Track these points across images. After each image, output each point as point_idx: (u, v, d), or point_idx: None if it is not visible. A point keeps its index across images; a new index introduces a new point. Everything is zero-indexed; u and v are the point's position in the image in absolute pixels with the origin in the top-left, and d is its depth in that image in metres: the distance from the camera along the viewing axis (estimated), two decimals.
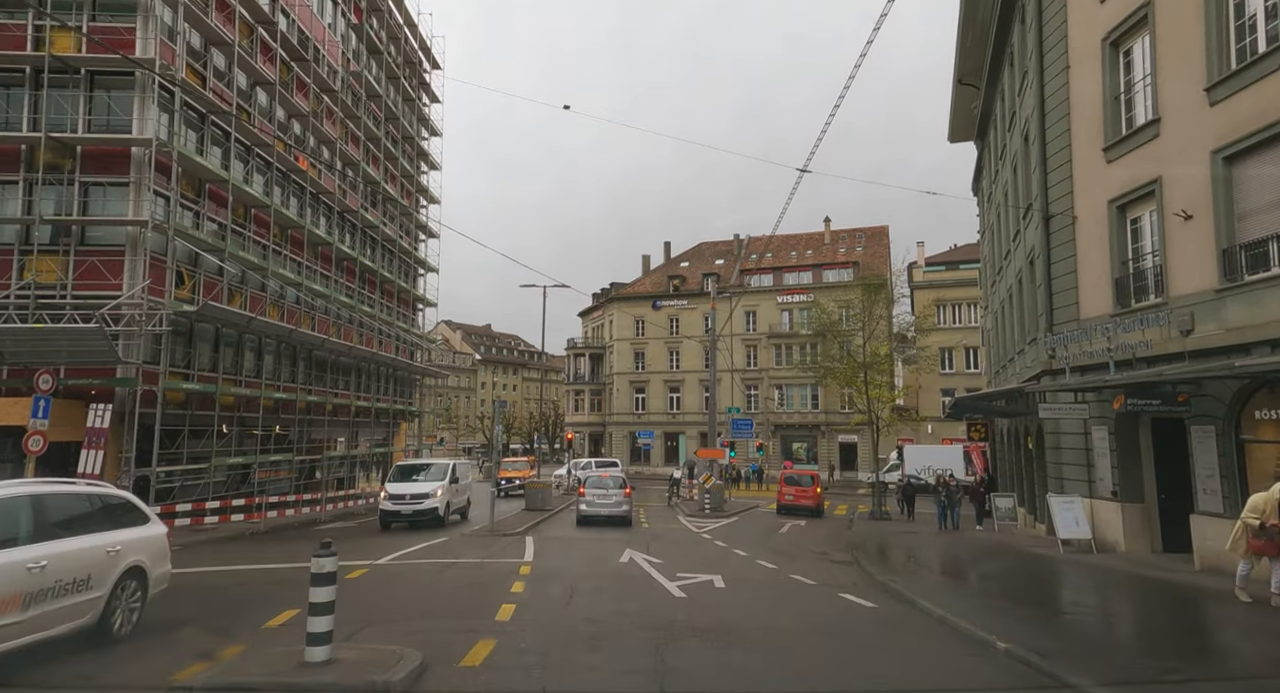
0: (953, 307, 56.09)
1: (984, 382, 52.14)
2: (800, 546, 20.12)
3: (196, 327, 23.11)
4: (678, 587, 12.11)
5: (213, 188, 23.59)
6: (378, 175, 34.98)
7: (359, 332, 33.67)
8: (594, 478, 25.15)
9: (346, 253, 32.15)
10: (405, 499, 21.91)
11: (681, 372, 61.76)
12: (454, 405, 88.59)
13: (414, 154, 40.67)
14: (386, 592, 11.75)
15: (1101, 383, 14.21)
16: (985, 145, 30.78)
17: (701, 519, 27.01)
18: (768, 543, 20.49)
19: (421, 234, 42.73)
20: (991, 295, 29.90)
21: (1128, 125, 15.79)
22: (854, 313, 30.77)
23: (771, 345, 58.81)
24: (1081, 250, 17.11)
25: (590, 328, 70.28)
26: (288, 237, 28.16)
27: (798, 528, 25.36)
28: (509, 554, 16.43)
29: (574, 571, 14.17)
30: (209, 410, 22.79)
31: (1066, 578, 13.93)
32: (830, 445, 57.55)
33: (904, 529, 24.06)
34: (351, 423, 33.72)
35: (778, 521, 27.88)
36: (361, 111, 33.37)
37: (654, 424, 60.73)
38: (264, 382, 26.70)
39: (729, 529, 23.90)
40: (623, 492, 24.31)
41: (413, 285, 41.37)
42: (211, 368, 23.89)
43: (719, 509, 29.28)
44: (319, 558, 6.59)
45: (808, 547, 19.84)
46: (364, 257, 34.32)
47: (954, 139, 36.81)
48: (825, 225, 63.40)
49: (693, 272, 64.34)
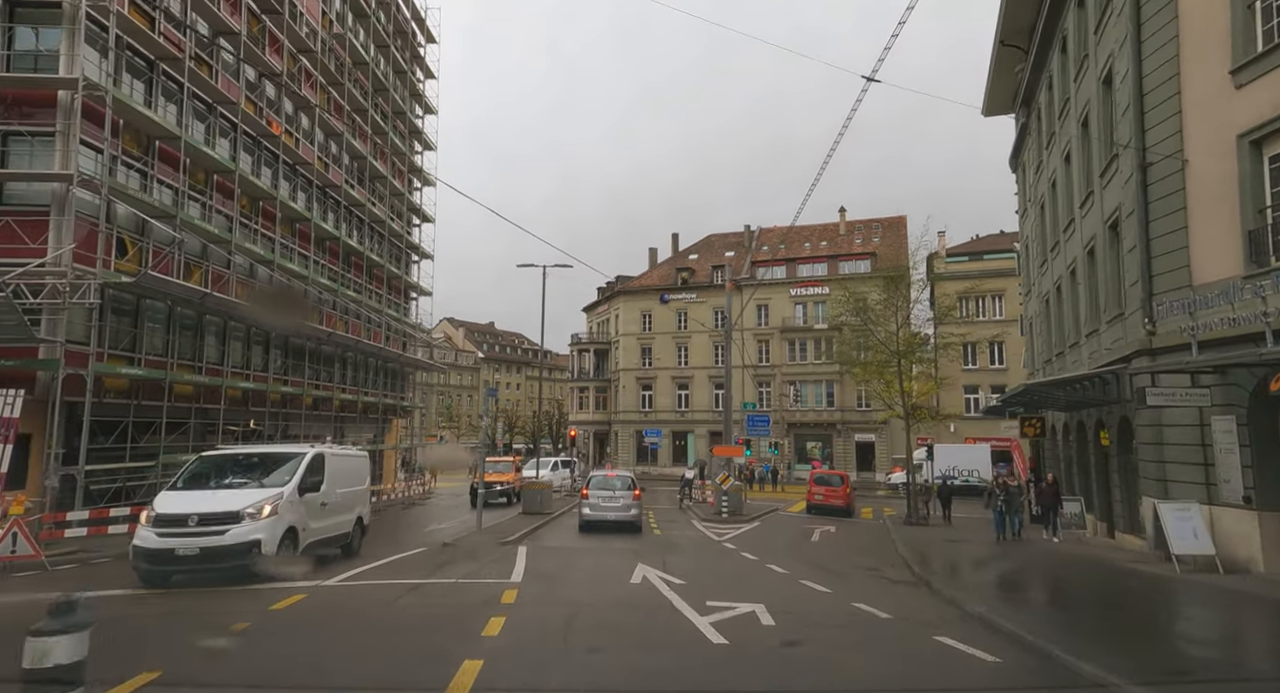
0: (976, 299, 52.65)
1: (1018, 377, 48.78)
2: (844, 558, 16.83)
3: (145, 304, 19.94)
4: (712, 625, 8.83)
5: (164, 147, 20.42)
6: (364, 150, 31.81)
7: (343, 318, 30.49)
8: (598, 478, 21.90)
9: (328, 231, 28.96)
10: (187, 525, 11.28)
11: (690, 368, 58.45)
12: (455, 404, 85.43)
13: (406, 132, 37.48)
14: (304, 639, 8.44)
15: (1255, 358, 10.89)
16: (1032, 111, 27.47)
17: (719, 525, 23.76)
18: (804, 555, 17.21)
19: (415, 218, 39.54)
20: (1040, 278, 26.57)
21: (1265, 39, 12.51)
22: (885, 297, 27.53)
23: (785, 340, 55.46)
24: (1194, 201, 13.80)
25: (595, 323, 67.01)
26: (258, 209, 24.99)
27: (830, 535, 22.09)
28: (493, 571, 13.18)
29: (573, 597, 10.91)
30: (159, 401, 19.58)
31: (1218, 612, 10.62)
32: (846, 445, 54.19)
33: (954, 537, 20.72)
34: (335, 418, 30.54)
35: (804, 526, 24.64)
36: (345, 79, 30.18)
37: (662, 423, 57.39)
38: (229, 370, 23.51)
39: (753, 537, 20.64)
40: (631, 494, 21.06)
41: (405, 272, 38.18)
42: (165, 352, 20.70)
43: (737, 513, 26.03)
44: (35, 640, 3.30)
45: (853, 560, 16.55)
46: (349, 237, 31.13)
47: (990, 112, 33.44)
48: (840, 216, 60.05)
49: (702, 264, 61.04)
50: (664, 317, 59.34)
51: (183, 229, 20.01)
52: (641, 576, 12.77)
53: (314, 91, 28.06)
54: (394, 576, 12.73)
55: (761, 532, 22.48)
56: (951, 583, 12.63)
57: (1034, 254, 27.71)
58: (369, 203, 32.62)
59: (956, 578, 13.41)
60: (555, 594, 11.23)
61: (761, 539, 20.33)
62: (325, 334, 27.27)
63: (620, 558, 15.34)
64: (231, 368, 23.68)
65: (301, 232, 27.66)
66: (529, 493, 25.54)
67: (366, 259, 32.66)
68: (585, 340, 65.22)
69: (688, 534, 20.99)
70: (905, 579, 13.54)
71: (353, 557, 14.84)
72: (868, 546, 19.74)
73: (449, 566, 14.01)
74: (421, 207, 39.49)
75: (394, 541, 18.98)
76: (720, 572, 14.11)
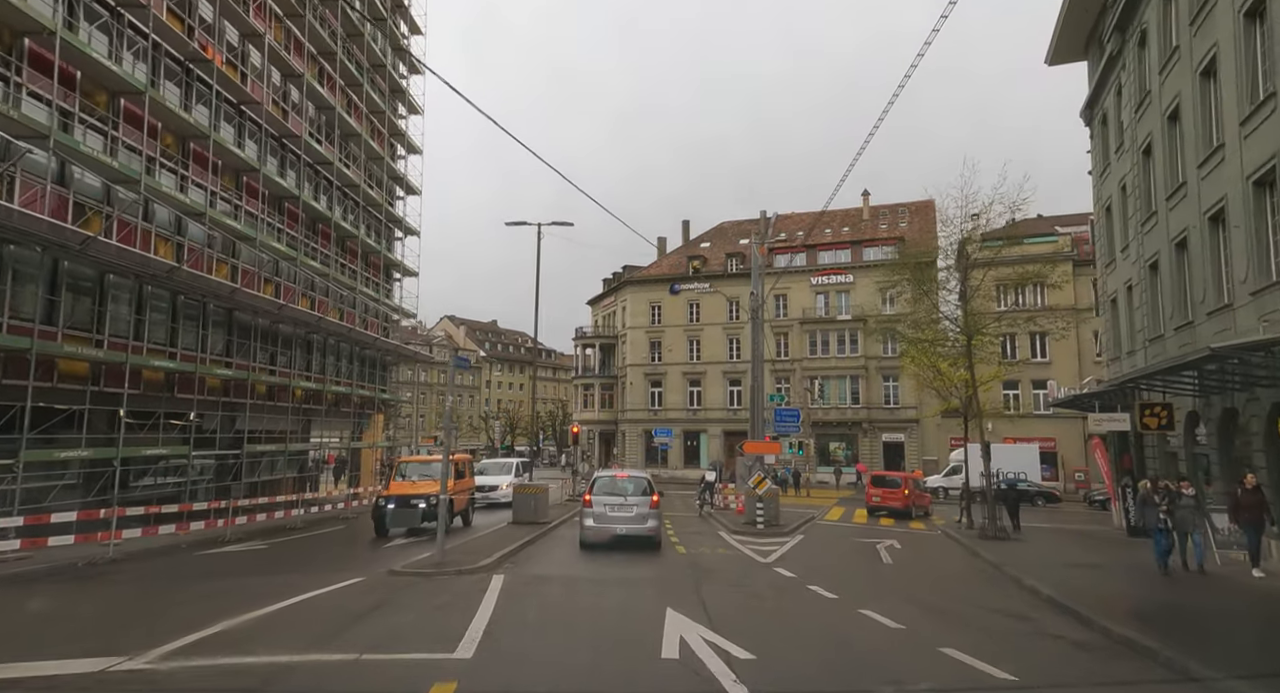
0: (1017, 289, 47.21)
1: (1064, 370, 43.46)
2: (953, 593, 11.62)
3: (11, 254, 14.85)
4: None
5: (33, 47, 15.39)
6: (332, 100, 26.79)
7: (307, 294, 25.43)
8: (605, 480, 16.70)
9: (282, 187, 23.89)
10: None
11: (703, 363, 53.22)
12: (455, 403, 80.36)
13: (387, 90, 32.42)
14: None
15: None
16: (1125, 41, 22.33)
17: (756, 538, 18.59)
18: (892, 586, 12.05)
19: (400, 189, 34.49)
20: (1142, 239, 21.36)
21: None
22: (948, 265, 22.48)
23: (805, 332, 50.20)
24: None
25: (600, 316, 61.75)
26: (187, 150, 19.97)
27: (900, 553, 16.88)
28: (433, 632, 8.07)
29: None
30: (23, 380, 14.44)
31: None
32: (873, 445, 48.85)
33: (1070, 558, 15.37)
34: (298, 410, 25.45)
35: (858, 539, 19.50)
36: (306, 11, 25.13)
37: (672, 422, 52.02)
38: (147, 346, 18.43)
39: (805, 556, 15.46)
40: (647, 501, 15.88)
41: (388, 249, 33.13)
42: (47, 320, 15.63)
43: (773, 523, 20.86)
44: None
45: (969, 596, 11.35)
46: (313, 199, 26.09)
47: (1056, 60, 28.37)
48: (863, 199, 54.83)
49: (714, 252, 55.87)
50: (674, 308, 54.20)
51: (52, 151, 14.89)
52: (677, 638, 7.61)
53: (266, 21, 23.05)
54: (263, 643, 7.56)
55: (812, 548, 17.29)
56: (1210, 661, 7.30)
57: (1132, 212, 22.48)
58: (340, 164, 27.58)
59: (1206, 647, 8.04)
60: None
61: (818, 560, 15.14)
62: (276, 307, 22.17)
63: (638, 598, 10.23)
64: (149, 343, 18.59)
65: (250, 186, 22.62)
66: (521, 499, 20.40)
67: (336, 226, 27.58)
68: (590, 334, 60.00)
69: (719, 552, 15.80)
70: (1095, 643, 8.31)
71: (235, 596, 9.72)
72: (962, 571, 14.52)
73: (368, 617, 8.85)
74: (406, 176, 34.42)
75: (333, 562, 13.92)
76: (798, 628, 8.92)
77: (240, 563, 14.49)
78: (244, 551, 16.21)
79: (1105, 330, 27.46)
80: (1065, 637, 8.50)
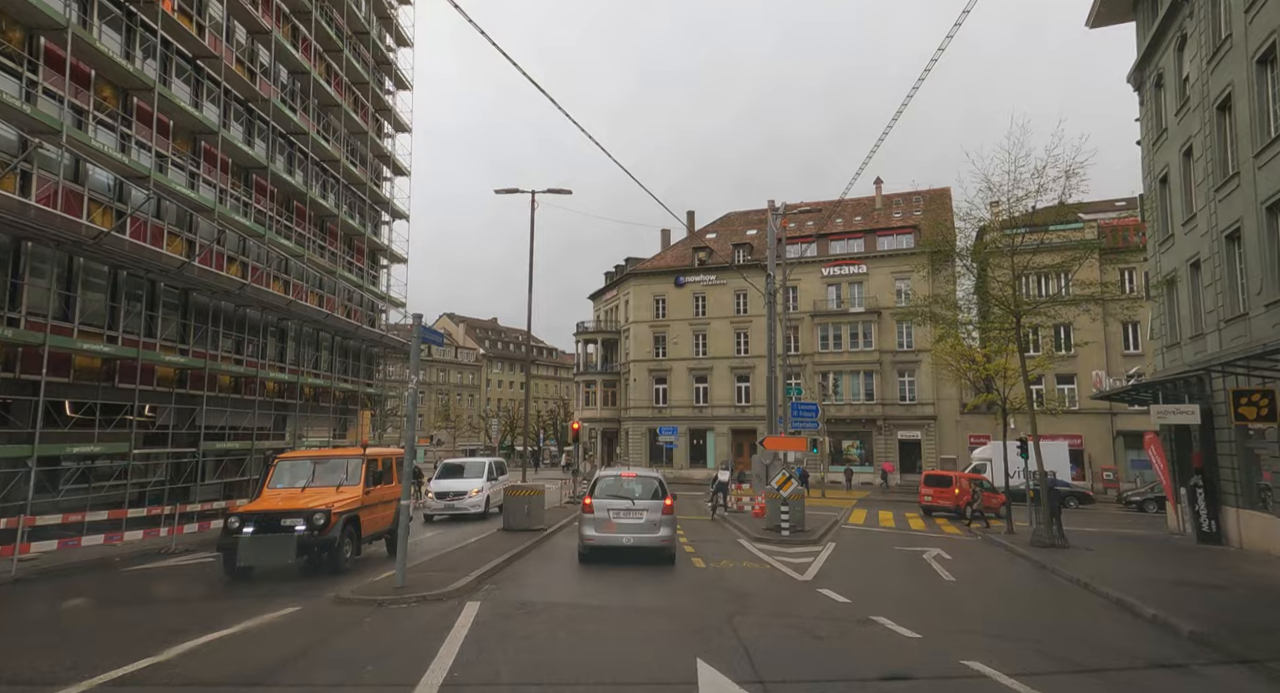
0: (1037, 277, 44.48)
1: (1093, 364, 40.61)
2: (1072, 632, 8.84)
3: None
4: None
5: None
6: (307, 64, 24.11)
7: (279, 278, 22.77)
8: (609, 480, 13.90)
9: (247, 154, 21.20)
10: None
11: (709, 358, 50.47)
12: (453, 403, 77.53)
13: (372, 61, 29.74)
14: None
15: None
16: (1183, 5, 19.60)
17: (783, 548, 15.90)
18: (980, 618, 9.33)
19: (387, 169, 31.82)
20: (1216, 207, 18.63)
21: None
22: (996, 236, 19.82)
23: (816, 326, 47.47)
24: None
25: (603, 311, 58.94)
26: (130, 105, 17.28)
27: (952, 564, 14.17)
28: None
29: None
30: None
31: None
32: (888, 442, 46.08)
33: (1167, 574, 12.67)
34: (268, 405, 22.78)
35: (900, 548, 16.86)
36: None
37: (677, 419, 49.24)
38: (78, 326, 15.73)
39: (846, 570, 12.77)
40: (660, 506, 13.15)
41: (374, 232, 30.45)
42: None
43: (798, 528, 18.16)
44: None
45: (1096, 636, 8.56)
46: (286, 172, 23.42)
47: (1099, 22, 25.60)
48: (876, 187, 52.07)
49: (721, 243, 53.12)
50: (679, 301, 51.52)
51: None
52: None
53: None
54: None
55: (851, 560, 14.57)
56: None
57: (1201, 178, 19.72)
58: (317, 136, 24.90)
59: None
60: None
61: (866, 577, 12.45)
62: (237, 287, 19.48)
63: (655, 639, 7.52)
64: (81, 324, 15.90)
65: (208, 152, 19.93)
66: (512, 502, 17.65)
67: (312, 203, 24.89)
68: (591, 330, 57.25)
69: (748, 568, 13.05)
70: None
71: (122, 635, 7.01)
72: (1047, 593, 11.75)
73: (277, 675, 6.15)
74: (394, 155, 31.73)
75: (280, 581, 11.18)
76: (879, 687, 6.22)
77: (170, 583, 11.82)
78: (185, 565, 13.55)
79: (1157, 315, 24.67)
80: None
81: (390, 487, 13.62)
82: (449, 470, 22.44)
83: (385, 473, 13.64)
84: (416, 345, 9.89)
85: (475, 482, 21.32)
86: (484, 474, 21.93)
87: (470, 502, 20.68)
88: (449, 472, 22.32)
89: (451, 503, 20.58)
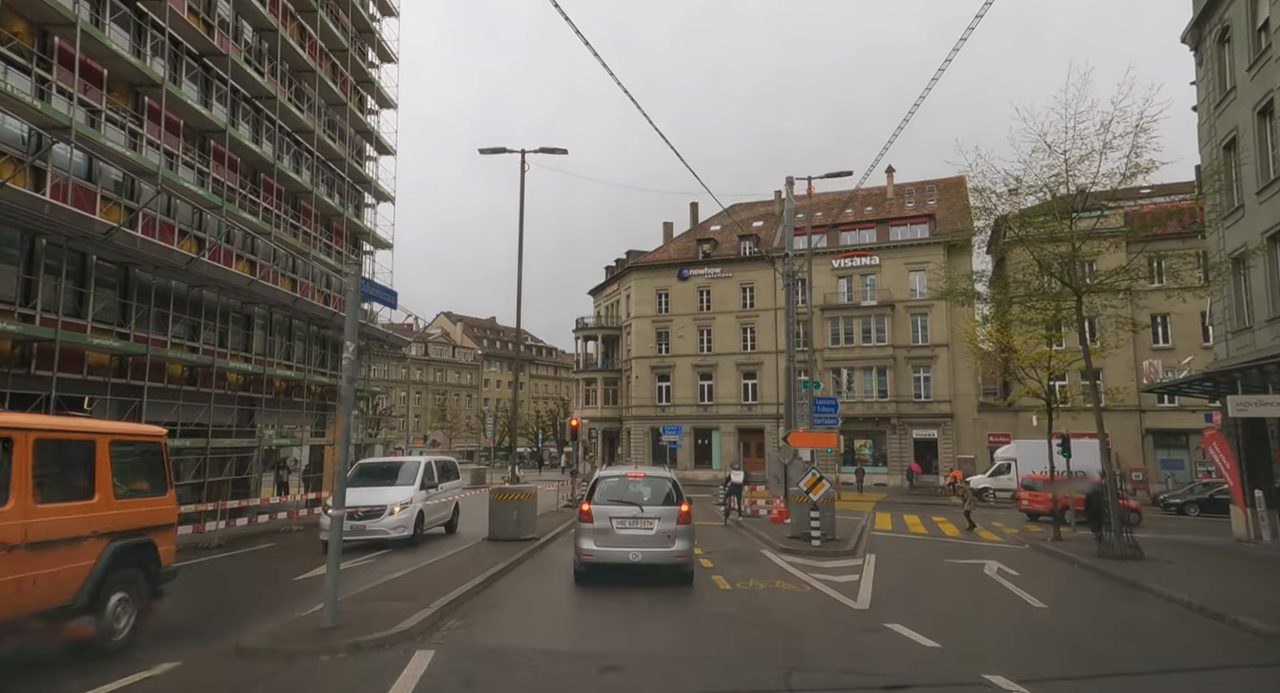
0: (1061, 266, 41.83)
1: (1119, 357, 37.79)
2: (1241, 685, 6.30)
3: None
4: None
5: None
6: (274, 20, 21.50)
7: (245, 257, 20.15)
8: (612, 482, 11.11)
9: (203, 116, 18.56)
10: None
11: (714, 354, 47.82)
12: (450, 403, 74.84)
13: (352, 27, 27.12)
14: None
15: None
16: None
17: (816, 560, 13.27)
18: (1110, 667, 6.71)
19: (370, 146, 29.22)
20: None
21: None
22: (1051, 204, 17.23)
23: (826, 320, 44.76)
24: None
25: (603, 307, 56.28)
26: (50, 45, 14.65)
27: (1024, 582, 11.46)
28: None
29: None
30: None
31: None
32: (903, 442, 43.41)
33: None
34: (227, 398, 20.15)
35: (951, 560, 14.26)
36: None
37: (681, 418, 46.42)
38: None
39: (904, 592, 10.19)
40: (674, 513, 10.42)
41: (356, 215, 27.84)
42: None
43: (830, 538, 15.48)
44: None
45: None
46: (251, 140, 20.81)
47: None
48: (888, 176, 49.42)
49: (726, 235, 50.47)
50: (683, 296, 48.91)
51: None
52: None
53: None
54: None
55: (904, 578, 11.94)
56: None
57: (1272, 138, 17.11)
58: (288, 102, 22.29)
59: None
60: None
61: (932, 602, 9.81)
62: (185, 261, 16.84)
63: None
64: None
65: (154, 109, 17.29)
66: (498, 508, 14.94)
67: (281, 176, 22.26)
68: (592, 326, 54.59)
69: (784, 590, 10.38)
70: None
71: None
72: (1165, 622, 9.10)
73: None
74: (378, 132, 29.13)
75: (187, 616, 8.45)
76: None
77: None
78: None
79: (1222, 298, 22.03)
80: None
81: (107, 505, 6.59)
82: (366, 473, 15.47)
83: (85, 481, 6.46)
84: (355, 302, 7.25)
85: (400, 493, 14.49)
86: (416, 480, 15.03)
87: (390, 522, 13.95)
88: (366, 475, 15.26)
89: (362, 523, 13.65)
